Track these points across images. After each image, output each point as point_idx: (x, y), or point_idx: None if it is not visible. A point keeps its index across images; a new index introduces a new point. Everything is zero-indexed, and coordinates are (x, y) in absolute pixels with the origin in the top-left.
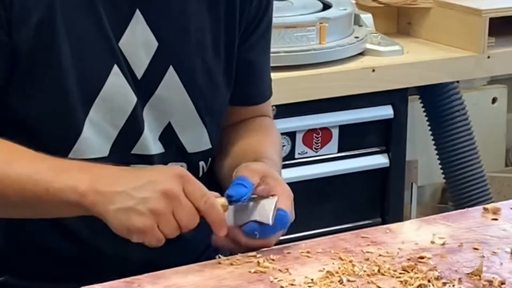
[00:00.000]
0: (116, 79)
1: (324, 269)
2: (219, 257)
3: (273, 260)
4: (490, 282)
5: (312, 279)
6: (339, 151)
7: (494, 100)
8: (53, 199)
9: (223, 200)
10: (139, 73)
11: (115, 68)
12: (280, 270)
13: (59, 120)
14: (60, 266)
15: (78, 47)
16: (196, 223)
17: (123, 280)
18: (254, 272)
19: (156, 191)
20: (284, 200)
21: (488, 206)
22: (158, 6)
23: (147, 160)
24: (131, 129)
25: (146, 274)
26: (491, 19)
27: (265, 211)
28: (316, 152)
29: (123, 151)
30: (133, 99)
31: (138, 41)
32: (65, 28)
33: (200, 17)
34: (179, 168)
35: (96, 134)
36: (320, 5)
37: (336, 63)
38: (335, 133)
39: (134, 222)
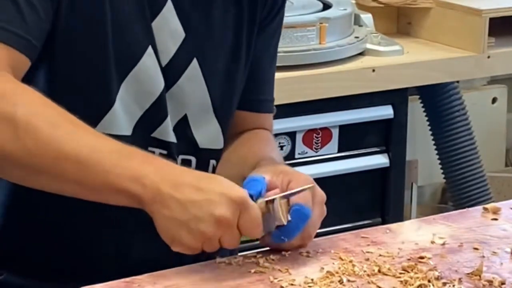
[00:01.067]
0: (149, 60)
1: (324, 269)
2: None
3: (273, 260)
4: (490, 282)
5: (312, 279)
6: (339, 151)
7: (494, 100)
8: (111, 183)
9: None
10: (164, 60)
11: (150, 49)
12: (280, 270)
13: (95, 88)
14: (61, 264)
15: (119, 22)
16: (237, 246)
17: (123, 280)
18: (254, 272)
19: (211, 214)
20: (300, 194)
21: (488, 206)
22: (188, 2)
23: (165, 146)
24: (155, 112)
25: (146, 274)
26: (491, 19)
27: (276, 213)
28: (316, 152)
29: (145, 133)
30: (161, 83)
31: (167, 28)
32: (109, 2)
33: (226, 14)
34: (241, 192)
35: (123, 111)
36: (320, 5)
37: (336, 63)
38: (335, 133)
39: (181, 238)
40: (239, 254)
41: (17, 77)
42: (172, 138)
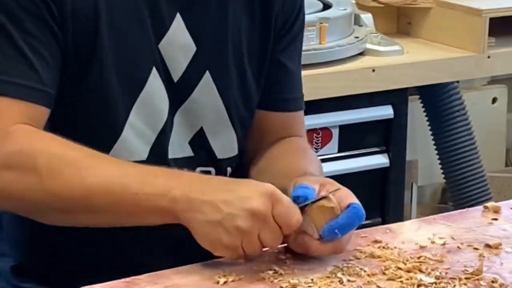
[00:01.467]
0: (154, 81)
1: (324, 269)
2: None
3: (272, 260)
4: (490, 282)
5: (312, 279)
6: (339, 151)
7: (494, 100)
8: (142, 204)
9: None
10: (176, 76)
11: (154, 70)
12: (280, 270)
13: (101, 119)
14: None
15: (120, 47)
16: (279, 244)
17: (123, 280)
18: (254, 272)
19: (244, 209)
20: (350, 196)
21: (488, 204)
22: (198, 11)
23: (183, 163)
24: (168, 132)
25: (146, 274)
26: (491, 19)
27: (309, 216)
28: (316, 152)
29: (161, 155)
30: (168, 102)
31: (178, 44)
32: (108, 27)
33: (238, 24)
34: (269, 186)
35: (135, 137)
36: (320, 5)
37: (336, 63)
38: (335, 133)
39: (220, 238)
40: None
41: (39, 127)
42: (188, 152)
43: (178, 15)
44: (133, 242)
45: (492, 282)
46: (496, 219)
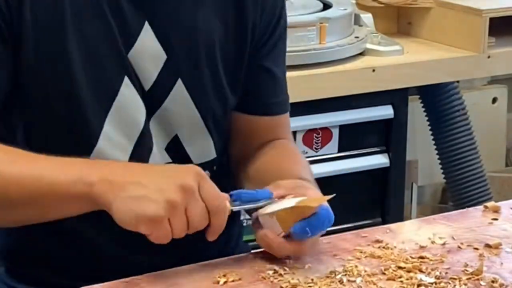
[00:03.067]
0: (127, 90)
1: (324, 269)
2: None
3: (272, 260)
4: (490, 282)
5: (312, 279)
6: (339, 151)
7: (494, 100)
8: (58, 192)
9: (228, 206)
10: (147, 85)
11: (126, 79)
12: (280, 270)
13: (75, 132)
14: (60, 270)
15: (89, 58)
16: (205, 224)
17: (123, 280)
18: (254, 272)
19: (173, 183)
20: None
21: (488, 204)
22: (167, 18)
23: None
24: (144, 141)
25: (146, 274)
26: (491, 19)
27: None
28: (316, 152)
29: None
30: (144, 111)
31: (147, 53)
32: (75, 39)
33: (210, 29)
34: (195, 167)
35: (111, 147)
36: (320, 5)
37: (336, 63)
38: (335, 133)
39: (145, 210)
40: (239, 254)
41: None
42: (167, 159)
43: (146, 24)
44: (130, 243)
45: (492, 282)
46: (496, 219)
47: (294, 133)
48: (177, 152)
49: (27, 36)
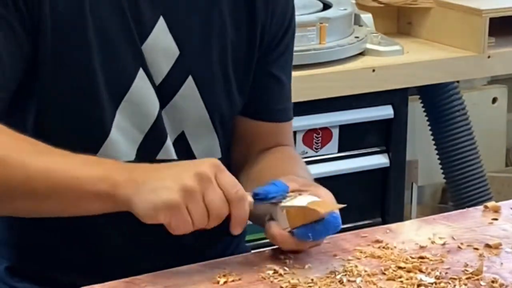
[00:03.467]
0: (141, 82)
1: (324, 269)
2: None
3: (273, 260)
4: (490, 282)
5: (312, 279)
6: (339, 151)
7: (494, 100)
8: (82, 188)
9: (250, 199)
10: (158, 80)
11: (141, 71)
12: (280, 270)
13: (88, 121)
14: (63, 271)
15: (106, 49)
16: (225, 213)
17: (123, 280)
18: (254, 272)
19: (189, 171)
20: (333, 204)
21: (488, 204)
22: (182, 14)
23: None
24: (156, 134)
25: (146, 274)
26: (491, 19)
27: (278, 216)
28: (316, 152)
29: (149, 156)
30: (157, 103)
31: (160, 47)
32: (94, 29)
33: (223, 28)
34: (213, 159)
35: (122, 137)
36: (320, 5)
37: (336, 63)
38: (335, 133)
39: (161, 197)
40: (239, 255)
41: None
42: (174, 156)
43: (161, 19)
44: (131, 242)
45: (492, 282)
46: (496, 219)
47: (294, 133)
48: (182, 149)
49: (45, 27)
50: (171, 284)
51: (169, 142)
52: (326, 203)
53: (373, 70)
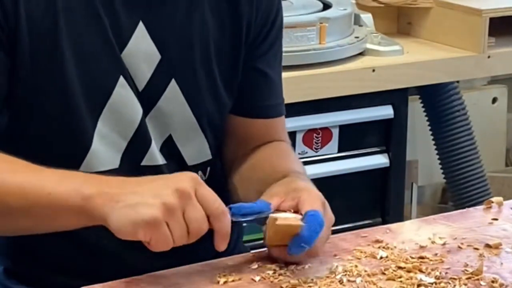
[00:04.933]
0: (122, 90)
1: (324, 269)
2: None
3: (272, 260)
4: (490, 282)
5: (312, 279)
6: (339, 151)
7: (494, 100)
8: (56, 204)
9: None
10: (141, 85)
11: (121, 79)
12: (280, 270)
13: (68, 133)
14: (60, 273)
15: (83, 58)
16: (205, 229)
17: (123, 280)
18: (254, 272)
19: (169, 187)
20: (311, 203)
21: (493, 199)
22: (162, 18)
23: (158, 170)
24: (140, 140)
25: (146, 274)
26: (491, 19)
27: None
28: (316, 152)
29: (133, 163)
30: (140, 110)
31: (141, 53)
32: (69, 38)
33: (205, 29)
34: (190, 173)
35: (105, 146)
36: (320, 5)
37: (336, 63)
38: (335, 133)
39: (141, 215)
40: (238, 254)
41: None
42: (161, 160)
43: (140, 24)
44: (127, 243)
45: (492, 282)
46: (496, 219)
47: (294, 133)
48: (171, 153)
49: (23, 35)
50: (171, 284)
51: (153, 147)
52: (294, 219)
53: (373, 70)
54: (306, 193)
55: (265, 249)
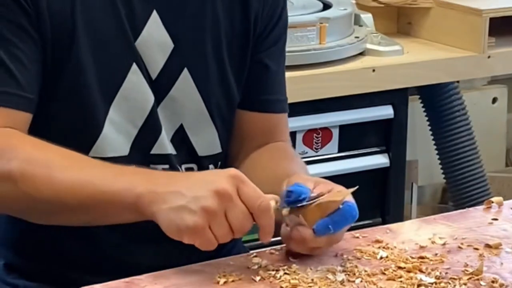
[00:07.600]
0: (135, 77)
1: (324, 269)
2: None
3: (273, 260)
4: (490, 282)
5: (312, 279)
6: (339, 151)
7: (494, 100)
8: (110, 201)
9: (274, 204)
10: (154, 73)
11: (134, 66)
12: (280, 270)
13: (80, 117)
14: (60, 267)
15: (97, 44)
16: (249, 227)
17: (123, 280)
18: (255, 272)
19: (209, 190)
20: (345, 193)
21: (493, 199)
22: (175, 7)
23: (167, 160)
24: (150, 128)
25: (146, 274)
26: (491, 19)
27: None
28: (316, 152)
29: (143, 151)
30: (151, 98)
31: (154, 41)
32: (84, 23)
33: (216, 20)
34: (233, 170)
35: (116, 133)
36: (320, 5)
37: (336, 63)
38: (335, 133)
39: (185, 221)
40: (238, 255)
41: (22, 131)
42: (171, 150)
43: (154, 13)
44: (130, 241)
45: (492, 282)
46: (496, 219)
47: (294, 133)
48: (182, 143)
49: (45, 28)
50: (171, 284)
51: (164, 136)
52: (337, 193)
53: (373, 70)
54: (336, 187)
55: (265, 249)
